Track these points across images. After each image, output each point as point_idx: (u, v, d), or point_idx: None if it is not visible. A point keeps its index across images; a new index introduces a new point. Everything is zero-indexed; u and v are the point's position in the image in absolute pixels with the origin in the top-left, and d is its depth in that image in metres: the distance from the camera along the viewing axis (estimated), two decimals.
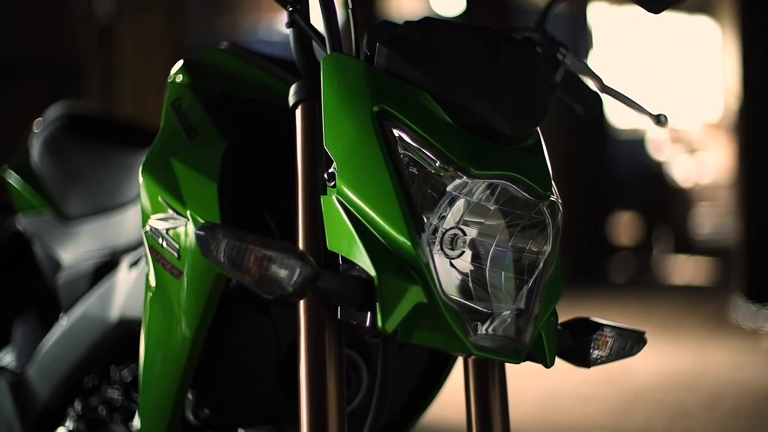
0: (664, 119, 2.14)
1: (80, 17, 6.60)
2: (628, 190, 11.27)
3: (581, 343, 1.87)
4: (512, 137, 1.73)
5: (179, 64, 2.14)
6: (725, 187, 12.44)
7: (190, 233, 1.94)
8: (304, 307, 1.75)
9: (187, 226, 1.94)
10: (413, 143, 1.68)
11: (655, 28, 14.60)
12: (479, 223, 1.69)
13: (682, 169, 12.97)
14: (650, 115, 2.15)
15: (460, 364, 1.92)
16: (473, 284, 1.68)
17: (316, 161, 1.79)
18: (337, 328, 1.74)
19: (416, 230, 1.65)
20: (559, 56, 2.14)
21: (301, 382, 1.73)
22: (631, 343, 1.91)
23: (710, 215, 13.87)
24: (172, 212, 1.97)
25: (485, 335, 1.68)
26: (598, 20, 11.69)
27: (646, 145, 11.74)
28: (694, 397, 4.83)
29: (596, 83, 2.18)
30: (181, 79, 2.10)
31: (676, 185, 12.08)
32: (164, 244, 1.98)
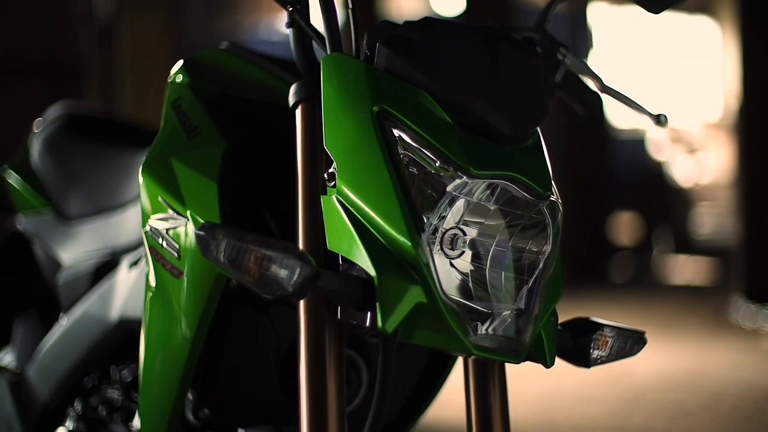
0: (664, 119, 2.14)
1: (80, 17, 6.60)
2: (628, 190, 11.26)
3: (581, 343, 1.87)
4: (512, 137, 1.73)
5: (179, 64, 2.14)
6: (725, 187, 12.43)
7: (190, 233, 1.94)
8: (304, 307, 1.75)
9: (187, 226, 1.94)
10: (413, 143, 1.68)
11: (655, 28, 14.59)
12: (479, 223, 1.69)
13: (682, 169, 12.96)
14: (650, 115, 2.15)
15: (460, 364, 1.92)
16: (473, 284, 1.68)
17: (316, 161, 1.79)
18: (337, 328, 1.74)
19: (416, 230, 1.65)
20: (559, 56, 2.14)
21: (301, 382, 1.73)
22: (631, 343, 1.91)
23: (710, 215, 13.86)
24: (172, 212, 1.97)
25: (485, 335, 1.68)
26: (598, 20, 11.69)
27: (646, 145, 11.74)
28: (694, 397, 4.82)
29: (596, 83, 2.18)
30: (181, 79, 2.10)
31: (676, 185, 12.08)
32: (164, 244, 1.98)
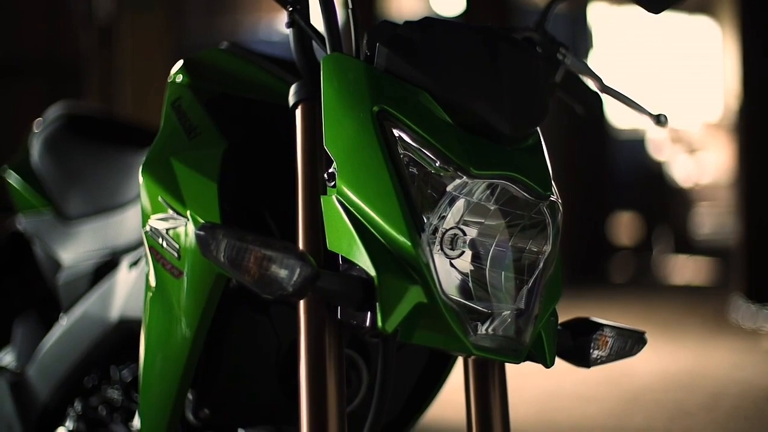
0: (664, 119, 2.14)
1: (80, 17, 6.60)
2: (628, 190, 11.26)
3: (581, 343, 1.87)
4: (512, 137, 1.73)
5: (179, 64, 2.14)
6: (725, 187, 12.43)
7: (190, 233, 1.94)
8: (304, 307, 1.74)
9: (187, 226, 1.94)
10: (413, 143, 1.68)
11: (655, 28, 14.59)
12: (479, 223, 1.69)
13: (682, 169, 12.96)
14: (650, 115, 2.15)
15: (460, 364, 1.92)
16: (473, 284, 1.68)
17: (316, 161, 1.79)
18: (337, 328, 1.74)
19: (416, 230, 1.65)
20: (559, 56, 2.14)
21: (301, 382, 1.73)
22: (631, 343, 1.91)
23: (710, 215, 13.86)
24: (172, 212, 1.97)
25: (485, 335, 1.68)
26: (598, 20, 11.69)
27: (646, 145, 11.74)
28: (694, 397, 4.82)
29: (596, 83, 2.18)
30: (181, 79, 2.10)
31: (676, 185, 12.08)
32: (164, 244, 1.98)
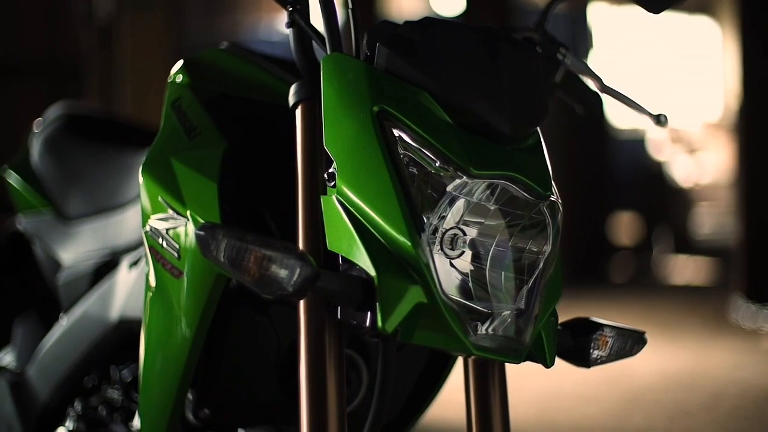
0: (664, 119, 2.14)
1: (80, 17, 6.60)
2: (628, 190, 11.26)
3: (581, 343, 1.87)
4: (512, 137, 1.73)
5: (179, 64, 2.14)
6: (725, 187, 12.43)
7: (190, 233, 1.94)
8: (304, 307, 1.74)
9: (187, 226, 1.94)
10: (413, 143, 1.68)
11: (655, 28, 14.59)
12: (479, 223, 1.69)
13: (682, 169, 12.96)
14: (650, 115, 2.15)
15: (460, 364, 1.92)
16: (473, 284, 1.68)
17: (316, 161, 1.79)
18: (337, 328, 1.74)
19: (416, 230, 1.65)
20: (559, 56, 2.14)
21: (301, 382, 1.73)
22: (631, 343, 1.91)
23: (710, 215, 13.86)
24: (172, 212, 1.97)
25: (485, 335, 1.68)
26: (598, 20, 11.69)
27: (646, 145, 11.74)
28: (694, 397, 4.82)
29: (596, 83, 2.18)
30: (181, 79, 2.10)
31: (676, 185, 12.08)
32: (164, 244, 1.98)
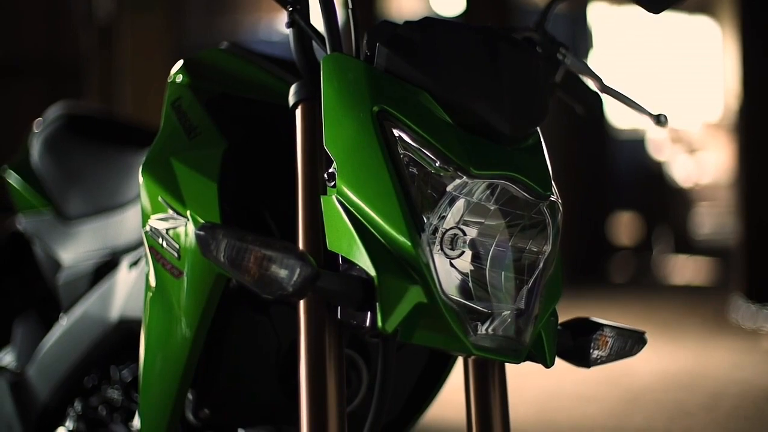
0: (664, 119, 2.14)
1: (80, 17, 6.60)
2: (628, 190, 11.26)
3: (581, 343, 1.87)
4: (512, 137, 1.73)
5: (179, 64, 2.14)
6: (725, 187, 12.44)
7: (190, 233, 1.94)
8: (304, 307, 1.74)
9: (187, 226, 1.94)
10: (413, 143, 1.68)
11: (655, 28, 14.59)
12: (479, 223, 1.69)
13: (682, 169, 12.96)
14: (650, 115, 2.15)
15: (460, 364, 1.92)
16: (473, 284, 1.68)
17: (316, 161, 1.79)
18: (337, 328, 1.74)
19: (416, 230, 1.65)
20: (559, 56, 2.14)
21: (301, 382, 1.73)
22: (631, 343, 1.91)
23: (710, 215, 13.86)
24: (172, 212, 1.97)
25: (485, 335, 1.68)
26: (598, 20, 11.69)
27: (646, 145, 11.74)
28: (694, 397, 4.82)
29: (596, 83, 2.18)
30: (181, 79, 2.10)
31: (676, 185, 12.08)
32: (164, 244, 1.98)
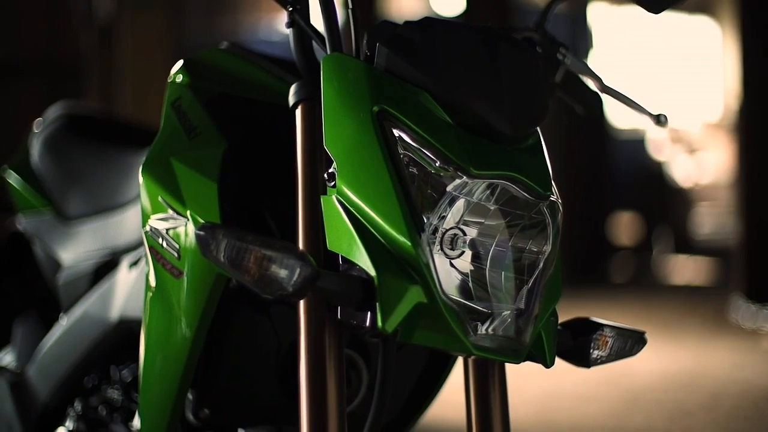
0: (664, 119, 2.14)
1: (80, 17, 6.60)
2: (628, 190, 11.27)
3: (581, 343, 1.87)
4: (512, 137, 1.73)
5: (179, 64, 2.14)
6: (725, 187, 12.44)
7: (190, 233, 1.94)
8: (304, 307, 1.74)
9: (187, 226, 1.94)
10: (413, 143, 1.68)
11: (655, 28, 14.59)
12: (479, 223, 1.69)
13: (682, 169, 12.96)
14: (650, 115, 2.15)
15: (460, 364, 1.92)
16: (473, 284, 1.68)
17: (316, 161, 1.79)
18: (337, 328, 1.74)
19: (416, 230, 1.65)
20: (559, 56, 2.14)
21: (301, 382, 1.73)
22: (631, 343, 1.91)
23: (710, 215, 13.87)
24: (172, 212, 1.97)
25: (485, 335, 1.68)
26: (598, 20, 11.69)
27: (646, 145, 11.74)
28: (694, 397, 4.82)
29: (596, 83, 2.18)
30: (181, 79, 2.10)
31: (676, 185, 12.08)
32: (164, 244, 1.98)
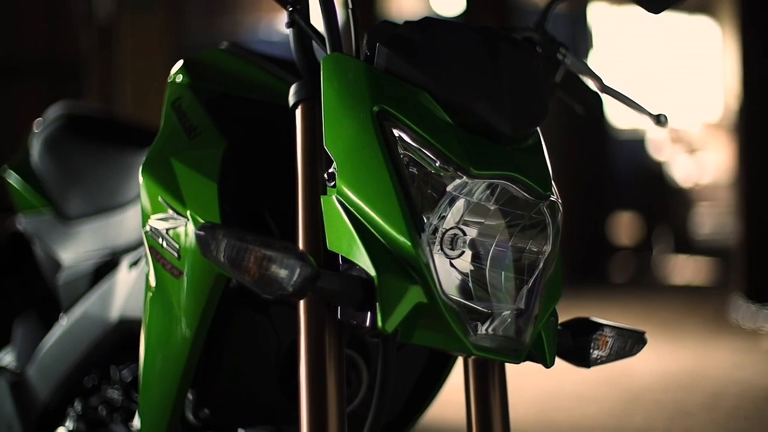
0: (664, 119, 2.14)
1: (80, 17, 6.60)
2: (628, 190, 11.27)
3: (581, 343, 1.87)
4: (512, 137, 1.73)
5: (179, 64, 2.14)
6: (725, 187, 12.44)
7: (190, 233, 1.94)
8: (304, 307, 1.74)
9: (187, 226, 1.94)
10: (413, 143, 1.68)
11: (655, 28, 14.59)
12: (479, 223, 1.69)
13: (682, 169, 12.96)
14: (650, 115, 2.15)
15: (460, 364, 1.92)
16: (473, 284, 1.68)
17: (316, 161, 1.79)
18: (337, 328, 1.74)
19: (416, 230, 1.65)
20: (559, 56, 2.14)
21: (301, 382, 1.73)
22: (631, 343, 1.91)
23: (710, 215, 13.87)
24: (172, 212, 1.97)
25: (485, 335, 1.68)
26: (598, 20, 11.69)
27: (646, 145, 11.74)
28: (694, 397, 4.82)
29: (596, 83, 2.18)
30: (181, 79, 2.10)
31: (676, 185, 12.08)
32: (164, 244, 1.98)
